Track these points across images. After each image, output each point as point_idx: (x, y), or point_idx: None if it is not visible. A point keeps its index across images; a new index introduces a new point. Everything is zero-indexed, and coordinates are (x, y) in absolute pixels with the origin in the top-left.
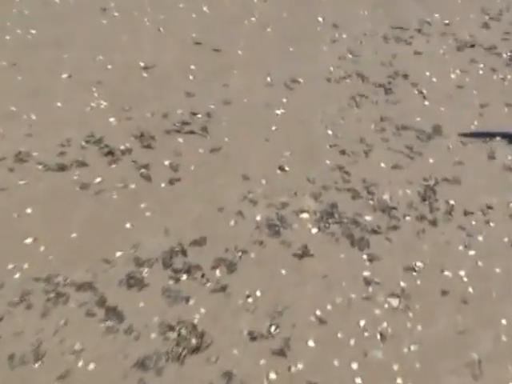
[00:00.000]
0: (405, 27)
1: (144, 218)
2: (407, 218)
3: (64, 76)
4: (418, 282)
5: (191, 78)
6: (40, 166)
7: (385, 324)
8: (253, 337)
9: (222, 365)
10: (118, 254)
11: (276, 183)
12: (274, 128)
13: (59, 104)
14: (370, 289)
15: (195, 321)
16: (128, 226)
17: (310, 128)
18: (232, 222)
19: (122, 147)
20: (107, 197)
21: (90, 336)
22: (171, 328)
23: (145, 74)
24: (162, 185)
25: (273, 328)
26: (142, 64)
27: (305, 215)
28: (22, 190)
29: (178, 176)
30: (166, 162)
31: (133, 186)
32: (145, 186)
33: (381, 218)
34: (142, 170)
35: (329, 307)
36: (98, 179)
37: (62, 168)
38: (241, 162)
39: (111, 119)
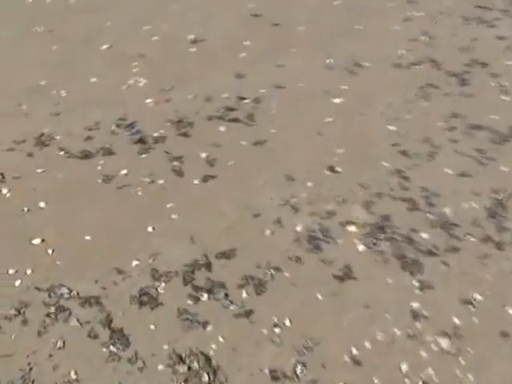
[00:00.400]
0: (489, 7)
1: (169, 221)
2: (469, 238)
3: (104, 47)
4: (475, 320)
5: (243, 55)
6: (62, 153)
7: (430, 370)
8: (275, 376)
9: None
10: (134, 263)
11: (323, 187)
12: (328, 120)
13: (94, 79)
14: (418, 324)
15: (210, 352)
16: (150, 229)
17: (369, 122)
18: (268, 232)
19: (156, 134)
20: (131, 193)
21: (88, 363)
22: (181, 360)
23: (191, 49)
24: (195, 182)
25: (299, 368)
26: (189, 37)
27: (352, 228)
28: (38, 180)
29: (213, 172)
30: (203, 155)
31: (161, 181)
32: (175, 183)
33: (439, 236)
34: (175, 163)
35: (367, 345)
36: (124, 171)
37: (85, 156)
38: (286, 159)
39: (148, 100)
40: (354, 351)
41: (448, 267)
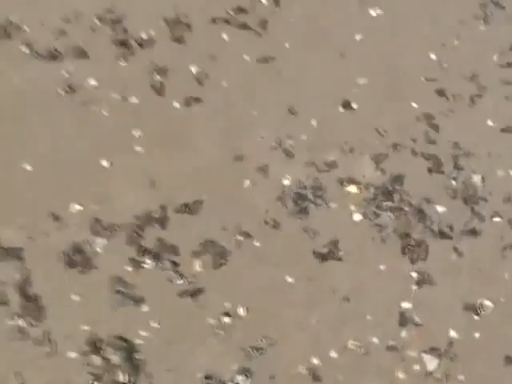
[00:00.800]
0: None
1: (130, 156)
2: (496, 219)
3: None
4: (476, 335)
5: None
6: (26, 50)
7: None
8: None
9: None
10: (76, 208)
11: (330, 128)
12: (357, 37)
13: None
14: (404, 333)
15: (138, 341)
16: (105, 163)
17: (407, 45)
18: (247, 183)
19: (144, 36)
20: (95, 112)
21: None
22: (99, 348)
23: None
24: (175, 104)
25: (241, 378)
26: None
27: (352, 189)
28: None
29: (200, 93)
30: (194, 69)
31: (135, 100)
32: (150, 103)
33: (458, 213)
34: (157, 77)
35: (333, 354)
36: (94, 82)
37: (53, 57)
38: (293, 85)
39: None
40: (315, 361)
41: (460, 257)
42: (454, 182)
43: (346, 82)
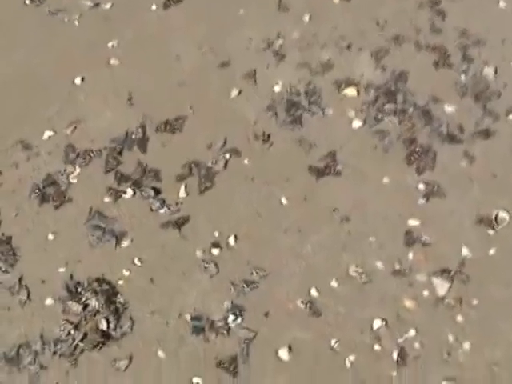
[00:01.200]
0: None
1: (105, 70)
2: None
3: None
4: (492, 252)
5: None
6: None
7: (412, 332)
8: (198, 327)
9: None
10: (47, 134)
11: (325, 23)
12: None
13: None
14: (411, 254)
15: (120, 282)
16: (78, 80)
17: None
18: (234, 92)
19: None
20: (65, 22)
21: None
22: (77, 292)
23: None
24: (153, 7)
25: (231, 317)
26: None
27: (351, 91)
28: None
29: None
30: None
31: (108, 5)
32: (126, 8)
33: (469, 112)
34: None
35: (333, 284)
36: None
37: None
38: None
39: None
40: (314, 293)
41: (472, 163)
42: (463, 77)
43: None
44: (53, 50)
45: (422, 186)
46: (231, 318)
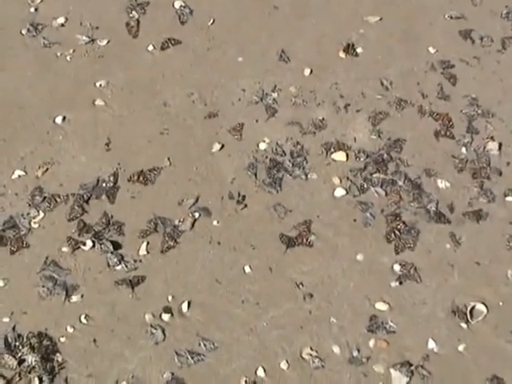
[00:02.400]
0: None
1: (88, 110)
2: (509, 198)
3: None
4: (460, 348)
5: None
6: None
7: None
8: None
9: None
10: (18, 173)
11: (325, 78)
12: None
13: None
14: (372, 342)
15: (62, 340)
16: (59, 119)
17: None
18: (216, 146)
19: None
20: (57, 57)
21: None
22: (15, 347)
23: None
24: (150, 48)
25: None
26: None
27: (339, 156)
28: None
29: (180, 34)
30: (177, 4)
31: (104, 41)
32: (121, 46)
33: (464, 189)
34: (133, 13)
35: (282, 365)
36: (61, 19)
37: None
38: (289, 23)
39: None
40: (261, 373)
41: (456, 247)
42: (464, 150)
43: (353, 21)
44: (40, 84)
45: (397, 267)
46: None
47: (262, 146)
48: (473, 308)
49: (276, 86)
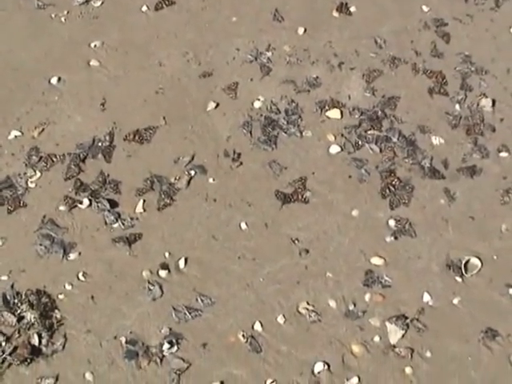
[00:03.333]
0: None
1: (84, 70)
2: (503, 154)
3: None
4: (455, 301)
5: None
6: None
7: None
8: (129, 356)
9: None
10: (14, 134)
11: (319, 37)
12: None
13: None
14: (367, 296)
15: (60, 297)
16: (54, 80)
17: None
18: (211, 105)
19: None
20: (51, 18)
21: None
22: (14, 304)
23: None
24: (144, 8)
25: (166, 346)
26: None
27: (334, 113)
28: None
29: None
30: None
31: (98, 2)
32: (115, 7)
33: (458, 145)
34: None
35: (279, 319)
36: None
37: None
38: None
39: None
40: (258, 327)
41: (450, 202)
42: (457, 107)
43: None
44: (35, 45)
45: (392, 223)
46: (166, 346)
47: (257, 104)
48: (467, 262)
49: (270, 45)
